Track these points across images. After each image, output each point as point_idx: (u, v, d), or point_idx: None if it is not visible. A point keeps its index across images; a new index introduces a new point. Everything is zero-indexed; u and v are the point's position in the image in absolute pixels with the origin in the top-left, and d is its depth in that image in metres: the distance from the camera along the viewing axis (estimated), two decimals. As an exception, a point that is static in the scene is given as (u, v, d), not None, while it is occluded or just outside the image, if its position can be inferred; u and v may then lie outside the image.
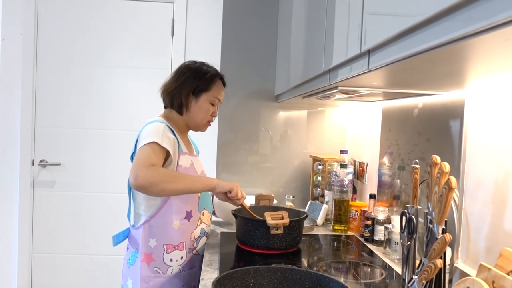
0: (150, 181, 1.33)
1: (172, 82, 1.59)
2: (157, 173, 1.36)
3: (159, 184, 1.35)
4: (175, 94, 1.56)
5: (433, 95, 1.41)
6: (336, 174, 1.93)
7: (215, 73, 1.62)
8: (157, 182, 1.35)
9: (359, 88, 1.35)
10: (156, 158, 1.39)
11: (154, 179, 1.34)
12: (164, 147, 1.40)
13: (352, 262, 1.51)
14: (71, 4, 2.70)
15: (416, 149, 1.54)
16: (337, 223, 1.90)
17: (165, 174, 1.39)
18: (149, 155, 1.37)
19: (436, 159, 1.07)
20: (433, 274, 0.99)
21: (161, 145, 1.39)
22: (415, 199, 1.18)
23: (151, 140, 1.39)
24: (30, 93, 2.69)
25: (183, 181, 1.42)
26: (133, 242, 1.52)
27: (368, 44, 0.90)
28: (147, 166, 1.34)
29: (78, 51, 2.73)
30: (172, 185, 1.39)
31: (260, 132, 2.51)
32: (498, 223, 1.08)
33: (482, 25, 0.51)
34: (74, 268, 2.79)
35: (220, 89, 1.62)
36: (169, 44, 2.77)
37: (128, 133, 2.75)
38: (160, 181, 1.36)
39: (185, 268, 1.53)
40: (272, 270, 1.12)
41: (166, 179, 1.37)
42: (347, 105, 2.45)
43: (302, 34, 1.73)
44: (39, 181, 2.74)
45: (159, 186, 1.36)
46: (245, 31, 2.47)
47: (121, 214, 2.76)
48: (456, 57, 0.72)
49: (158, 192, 1.39)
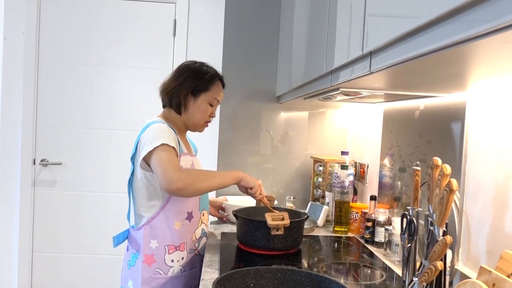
0: (185, 183, 1.35)
1: (171, 81, 1.59)
2: (190, 174, 1.40)
3: (194, 184, 1.37)
4: (174, 94, 1.56)
5: (434, 97, 1.41)
6: (337, 175, 1.93)
7: (215, 73, 1.62)
8: (192, 182, 1.37)
9: (360, 90, 1.35)
10: (176, 159, 1.42)
11: (189, 180, 1.36)
12: (173, 146, 1.42)
13: (352, 263, 1.51)
14: (73, 4, 2.71)
15: (417, 151, 1.54)
16: (337, 225, 1.90)
17: (196, 174, 1.43)
18: (170, 158, 1.39)
19: (437, 161, 1.07)
20: (434, 276, 0.99)
21: (170, 145, 1.41)
22: (416, 201, 1.18)
23: (159, 143, 1.39)
24: (32, 92, 2.69)
25: (214, 178, 1.46)
26: (134, 243, 1.52)
27: (370, 46, 0.90)
28: (177, 169, 1.36)
29: (80, 51, 2.73)
30: (206, 184, 1.42)
31: (261, 132, 2.51)
32: (498, 226, 1.08)
33: (485, 28, 0.51)
34: (75, 267, 2.79)
35: (219, 90, 1.62)
36: (170, 45, 2.77)
37: (129, 133, 2.76)
38: (195, 181, 1.38)
39: (186, 268, 1.54)
40: (273, 271, 1.12)
41: (199, 179, 1.40)
42: (348, 107, 2.45)
43: (304, 35, 1.73)
44: (40, 180, 2.75)
45: (195, 186, 1.38)
46: (247, 31, 2.48)
47: (121, 214, 2.76)
48: (458, 59, 0.72)
49: (193, 192, 1.41)
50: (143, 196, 1.49)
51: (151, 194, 1.48)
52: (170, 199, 1.48)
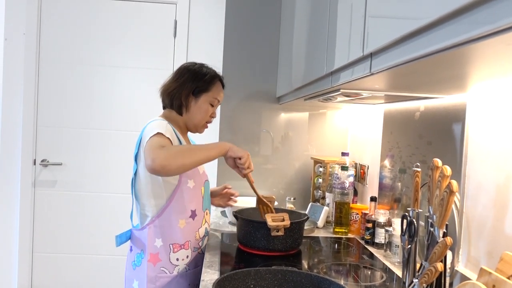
0: (167, 158, 1.30)
1: (171, 82, 1.61)
2: (171, 150, 1.35)
3: (176, 159, 1.32)
4: (175, 95, 1.57)
5: (435, 99, 1.41)
6: (337, 176, 1.93)
7: (215, 74, 1.64)
8: (174, 157, 1.32)
9: (361, 91, 1.35)
10: (165, 143, 1.38)
11: (171, 155, 1.32)
12: (167, 137, 1.41)
13: (352, 264, 1.51)
14: (74, 5, 2.71)
15: (417, 152, 1.54)
16: (337, 226, 1.90)
17: (179, 149, 1.38)
18: (158, 141, 1.37)
19: (438, 163, 1.07)
20: (434, 278, 0.99)
21: (165, 135, 1.40)
22: (416, 202, 1.18)
23: (155, 132, 1.39)
24: (32, 92, 2.70)
25: (199, 151, 1.40)
26: (138, 243, 1.52)
27: (371, 47, 0.90)
28: (160, 147, 1.34)
29: (80, 51, 2.74)
30: (191, 158, 1.36)
31: (261, 133, 2.51)
32: (499, 227, 1.08)
33: (485, 30, 0.51)
34: (75, 268, 2.79)
35: (220, 90, 1.64)
36: (171, 45, 2.77)
37: (129, 133, 2.76)
38: (177, 156, 1.33)
39: (191, 267, 1.54)
40: (273, 272, 1.12)
41: (182, 154, 1.35)
42: (348, 108, 2.45)
43: (304, 36, 1.73)
44: (40, 180, 2.75)
45: (178, 161, 1.32)
46: (247, 32, 2.48)
47: (122, 214, 2.77)
48: (458, 61, 0.72)
49: (178, 168, 1.34)
50: (146, 195, 1.50)
51: (155, 193, 1.48)
52: (174, 197, 1.48)
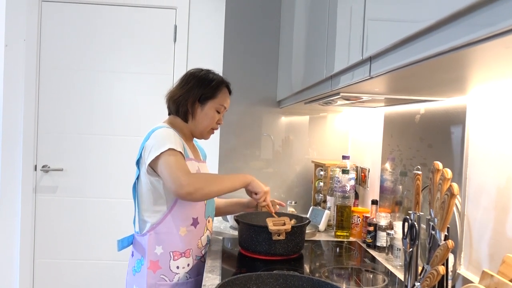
0: (195, 187, 1.34)
1: (178, 89, 1.60)
2: (199, 178, 1.39)
3: (204, 188, 1.37)
4: (181, 101, 1.57)
5: (435, 101, 1.41)
6: (338, 179, 1.93)
7: (221, 80, 1.63)
8: (202, 187, 1.36)
9: (361, 94, 1.35)
10: (185, 163, 1.41)
11: (199, 184, 1.35)
12: (179, 151, 1.42)
13: (354, 268, 1.50)
14: (74, 11, 2.72)
15: (418, 155, 1.54)
16: (339, 229, 1.90)
17: (206, 178, 1.42)
18: (179, 162, 1.38)
19: (438, 165, 1.07)
20: (436, 281, 0.98)
21: (177, 149, 1.41)
22: (417, 205, 1.18)
23: (166, 148, 1.39)
24: (33, 98, 2.70)
25: (224, 181, 1.45)
26: (139, 249, 1.52)
27: (370, 51, 0.90)
28: (187, 174, 1.36)
29: (81, 57, 2.74)
30: (216, 187, 1.41)
31: (262, 137, 2.51)
32: (500, 230, 1.08)
33: (484, 33, 0.51)
34: (76, 273, 2.79)
35: (226, 96, 1.63)
36: (171, 50, 2.78)
37: (130, 138, 2.76)
38: (205, 185, 1.37)
39: (192, 275, 1.53)
40: (274, 277, 1.12)
41: (209, 183, 1.39)
42: (349, 111, 2.45)
43: (304, 40, 1.73)
44: (41, 186, 2.75)
45: (204, 190, 1.37)
46: (247, 36, 2.48)
47: (123, 219, 2.77)
48: (458, 64, 0.72)
49: (203, 196, 1.40)
50: (148, 201, 1.49)
51: (156, 199, 1.48)
52: (176, 205, 1.48)
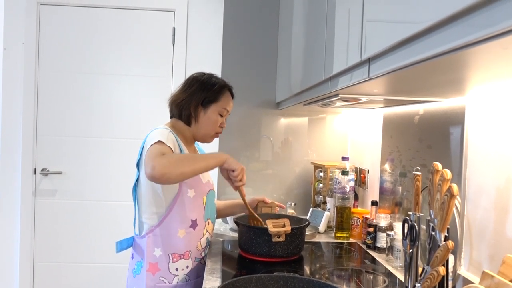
0: (167, 166, 1.31)
1: (180, 93, 1.60)
2: (172, 158, 1.35)
3: (176, 167, 1.32)
4: (184, 105, 1.57)
5: (434, 102, 1.42)
6: (338, 181, 1.93)
7: (224, 84, 1.63)
8: (174, 166, 1.32)
9: (359, 96, 1.35)
10: (166, 151, 1.38)
11: (171, 163, 1.32)
12: (168, 146, 1.41)
13: (354, 269, 1.50)
14: (72, 14, 2.72)
15: (417, 155, 1.54)
16: (339, 230, 1.89)
17: (179, 158, 1.38)
18: (159, 148, 1.37)
19: (438, 166, 1.07)
20: (436, 282, 0.98)
21: (166, 144, 1.40)
22: (417, 206, 1.18)
23: (156, 140, 1.40)
24: (32, 102, 2.70)
25: (198, 160, 1.41)
26: (139, 251, 1.52)
27: (369, 52, 0.91)
28: (160, 156, 1.34)
29: (80, 60, 2.74)
30: (189, 167, 1.36)
31: (261, 139, 2.51)
32: (500, 230, 1.08)
33: (483, 34, 0.52)
34: (76, 277, 2.78)
35: (229, 100, 1.63)
36: (170, 53, 2.78)
37: (129, 141, 2.76)
38: (177, 165, 1.33)
39: (192, 277, 1.53)
40: (275, 279, 1.12)
41: (182, 162, 1.35)
42: (348, 112, 2.45)
43: (303, 42, 1.74)
44: (40, 189, 2.75)
45: (178, 169, 1.32)
46: (246, 38, 2.49)
47: (123, 222, 2.76)
48: (456, 65, 0.72)
49: (177, 176, 1.34)
50: (147, 203, 1.49)
51: (155, 201, 1.48)
52: (174, 206, 1.48)
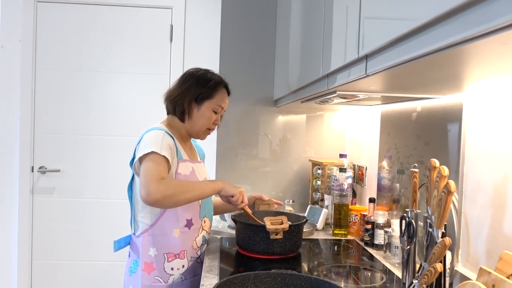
0: (163, 194, 1.32)
1: (175, 89, 1.58)
2: (169, 185, 1.35)
3: (172, 196, 1.34)
4: (178, 101, 1.55)
5: (431, 99, 1.42)
6: (336, 178, 1.93)
7: (219, 80, 1.61)
8: (170, 194, 1.34)
9: (357, 93, 1.35)
10: (163, 170, 1.38)
11: (167, 192, 1.33)
12: (163, 155, 1.40)
13: (352, 266, 1.50)
14: (70, 11, 2.71)
15: (415, 152, 1.54)
16: (337, 227, 1.90)
17: (177, 185, 1.38)
18: (155, 168, 1.36)
19: (435, 163, 1.07)
20: (433, 278, 0.99)
21: (160, 153, 1.39)
22: (414, 203, 1.18)
23: (149, 150, 1.38)
24: (29, 99, 2.69)
25: (194, 189, 1.42)
26: (134, 250, 1.52)
27: (366, 49, 0.90)
28: (158, 181, 1.34)
29: (77, 58, 2.73)
30: (185, 195, 1.38)
31: (259, 136, 2.51)
32: (497, 227, 1.08)
33: (480, 30, 0.51)
34: (74, 275, 2.78)
35: (224, 97, 1.61)
36: (167, 50, 2.78)
37: (127, 138, 2.76)
38: (173, 193, 1.35)
39: (188, 276, 1.52)
40: (272, 276, 1.12)
41: (178, 191, 1.36)
42: (345, 109, 2.45)
43: (300, 39, 1.73)
44: (38, 187, 2.74)
45: (173, 198, 1.35)
46: (244, 36, 2.48)
47: (120, 220, 2.76)
48: (454, 61, 0.72)
49: (171, 204, 1.39)
50: (142, 202, 1.48)
51: None
52: None
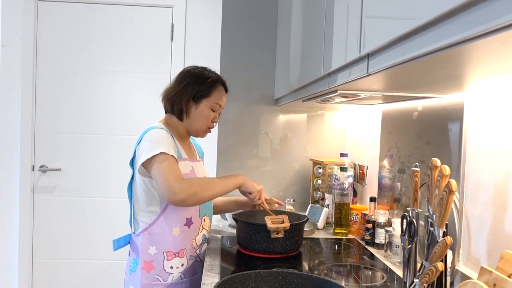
0: (188, 193, 1.35)
1: (173, 87, 1.58)
2: (192, 184, 1.38)
3: (196, 194, 1.37)
4: (175, 100, 1.55)
5: (432, 98, 1.42)
6: (337, 177, 1.93)
7: (217, 78, 1.60)
8: (195, 193, 1.37)
9: (358, 92, 1.35)
10: (178, 169, 1.41)
11: (191, 190, 1.36)
12: (171, 154, 1.41)
13: (353, 265, 1.51)
14: (71, 10, 2.71)
15: (416, 152, 1.54)
16: (337, 227, 1.90)
17: (199, 183, 1.42)
18: (171, 168, 1.38)
19: (436, 162, 1.07)
20: (435, 277, 0.99)
21: (169, 153, 1.40)
22: (415, 202, 1.18)
23: (158, 151, 1.38)
24: (30, 98, 2.69)
25: (216, 185, 1.46)
26: (134, 248, 1.52)
27: (367, 48, 0.90)
28: (179, 181, 1.36)
29: (78, 56, 2.73)
30: (208, 192, 1.42)
31: (260, 135, 2.51)
32: (498, 226, 1.08)
33: (481, 29, 0.51)
34: (75, 273, 2.78)
35: (222, 94, 1.61)
36: (168, 49, 2.77)
37: (128, 137, 2.75)
38: (197, 191, 1.38)
39: (187, 275, 1.52)
40: (273, 274, 1.12)
41: (202, 188, 1.40)
42: (346, 108, 2.45)
43: (301, 38, 1.73)
44: (39, 186, 2.74)
45: (197, 196, 1.38)
46: (245, 34, 2.48)
47: (121, 219, 2.76)
48: (455, 61, 0.72)
49: (196, 202, 1.42)
50: (141, 201, 1.49)
51: (150, 200, 1.48)
52: (168, 205, 1.47)
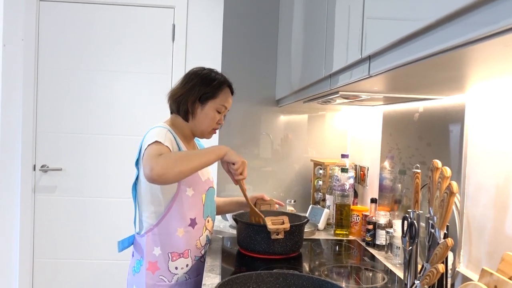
0: (165, 167, 1.30)
1: (179, 88, 1.58)
2: (169, 157, 1.34)
3: (174, 167, 1.31)
4: (181, 100, 1.55)
5: (433, 100, 1.42)
6: (337, 178, 1.93)
7: (223, 80, 1.60)
8: (172, 165, 1.31)
9: (359, 93, 1.35)
10: (164, 151, 1.37)
11: (168, 163, 1.31)
12: (166, 145, 1.40)
13: (353, 266, 1.51)
14: (72, 10, 2.72)
15: (417, 153, 1.54)
16: (338, 228, 1.90)
17: (176, 156, 1.36)
18: (156, 149, 1.36)
19: (437, 164, 1.07)
20: (435, 279, 0.99)
21: (164, 143, 1.39)
22: (416, 204, 1.18)
23: (153, 140, 1.39)
24: (31, 98, 2.70)
25: (196, 157, 1.39)
26: (138, 249, 1.52)
27: (369, 49, 0.90)
28: (157, 156, 1.33)
29: (79, 57, 2.74)
30: (188, 165, 1.34)
31: (261, 136, 2.51)
32: (499, 228, 1.08)
33: (484, 32, 0.51)
34: (76, 273, 2.79)
35: (228, 96, 1.60)
36: (170, 49, 2.78)
37: (129, 138, 2.76)
38: (175, 164, 1.32)
39: (191, 275, 1.52)
40: (274, 275, 1.12)
41: (180, 161, 1.33)
42: (347, 109, 2.45)
43: (303, 39, 1.73)
44: (40, 186, 2.75)
45: (176, 169, 1.31)
46: (246, 35, 2.48)
47: (122, 219, 2.76)
48: (457, 63, 0.72)
49: (175, 176, 1.33)
50: (146, 202, 1.49)
51: (154, 200, 1.48)
52: (173, 206, 1.47)
